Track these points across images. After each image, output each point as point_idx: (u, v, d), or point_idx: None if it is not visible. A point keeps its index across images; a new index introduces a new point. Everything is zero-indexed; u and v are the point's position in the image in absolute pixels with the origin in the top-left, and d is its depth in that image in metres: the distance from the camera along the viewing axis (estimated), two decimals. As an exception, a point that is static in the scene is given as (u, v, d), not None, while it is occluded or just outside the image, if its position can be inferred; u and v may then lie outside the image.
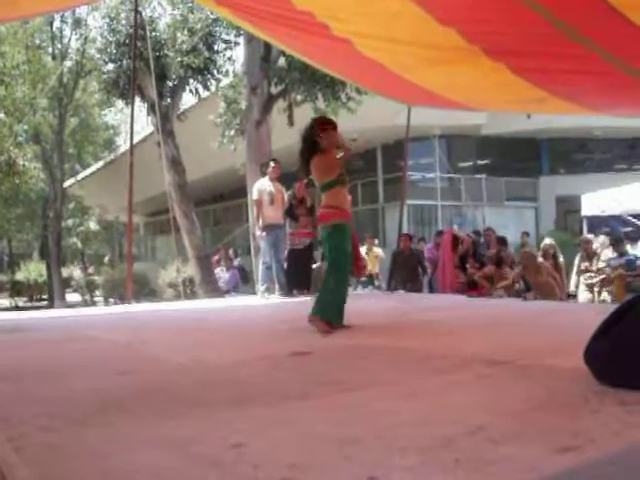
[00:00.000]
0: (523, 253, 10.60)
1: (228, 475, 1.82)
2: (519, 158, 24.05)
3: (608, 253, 10.59)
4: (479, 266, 10.60)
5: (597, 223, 12.43)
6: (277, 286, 9.74)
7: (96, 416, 2.55)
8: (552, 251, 10.56)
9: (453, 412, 2.46)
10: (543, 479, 1.73)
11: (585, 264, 10.43)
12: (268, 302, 9.12)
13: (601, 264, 10.38)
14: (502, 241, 11.52)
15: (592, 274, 10.34)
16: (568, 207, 21.34)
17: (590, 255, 10.40)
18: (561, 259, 10.78)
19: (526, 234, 14.34)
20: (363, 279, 12.95)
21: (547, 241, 11.04)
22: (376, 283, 13.87)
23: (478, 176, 22.83)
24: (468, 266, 10.68)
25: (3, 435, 2.28)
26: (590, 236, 11.06)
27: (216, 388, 3.07)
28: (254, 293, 11.72)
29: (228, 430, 2.28)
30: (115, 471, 1.89)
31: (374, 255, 13.99)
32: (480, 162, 23.90)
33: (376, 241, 14.85)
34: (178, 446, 2.09)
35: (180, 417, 2.50)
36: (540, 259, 10.20)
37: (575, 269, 10.52)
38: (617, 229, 11.96)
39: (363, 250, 13.75)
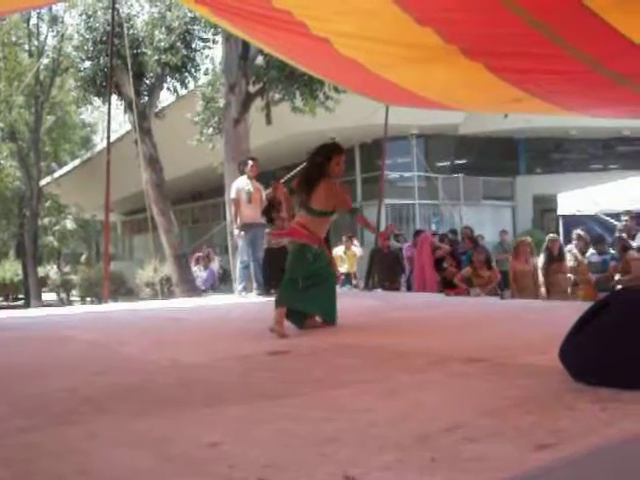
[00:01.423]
0: (521, 241, 10.64)
1: (203, 475, 1.81)
2: (496, 157, 24.21)
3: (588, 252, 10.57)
4: (456, 264, 10.63)
5: (573, 222, 12.49)
6: (255, 285, 9.71)
7: (72, 415, 2.53)
8: (528, 249, 10.57)
9: (430, 410, 2.46)
10: (519, 476, 1.73)
11: (553, 265, 10.29)
12: (245, 301, 9.09)
13: (570, 263, 10.34)
14: (473, 241, 11.54)
15: (563, 275, 10.29)
16: (545, 206, 21.50)
17: (554, 256, 10.27)
18: (536, 258, 10.77)
19: (504, 232, 14.41)
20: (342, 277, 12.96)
21: (526, 239, 11.04)
22: (354, 282, 13.89)
23: (455, 175, 22.93)
24: (446, 264, 10.71)
25: (-26, 435, 2.26)
26: (554, 235, 10.96)
27: (192, 387, 3.06)
28: (232, 292, 11.69)
29: (203, 429, 2.27)
30: (91, 470, 1.88)
31: (352, 254, 13.98)
32: (457, 161, 24.03)
33: (355, 241, 14.81)
34: (154, 445, 2.08)
35: (156, 416, 2.48)
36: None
37: (540, 271, 10.38)
38: (592, 229, 12.02)
39: (341, 250, 13.75)
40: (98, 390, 3.03)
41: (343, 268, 13.41)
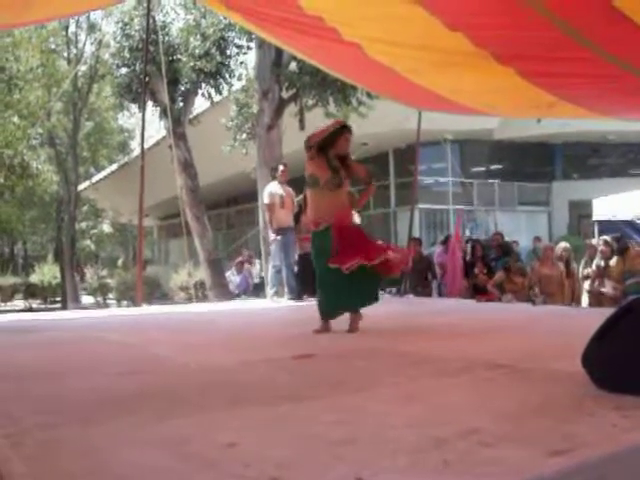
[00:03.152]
0: (544, 247, 10.57)
1: (218, 473, 1.84)
2: (532, 163, 24.00)
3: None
4: (487, 271, 10.56)
5: (609, 228, 12.33)
6: (286, 290, 9.75)
7: (94, 414, 2.58)
8: (566, 255, 10.48)
9: (447, 414, 2.46)
10: (530, 481, 1.73)
11: (587, 270, 10.25)
12: (277, 306, 9.14)
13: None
14: (504, 249, 11.44)
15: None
16: (581, 212, 21.25)
17: (593, 260, 10.22)
18: (574, 265, 10.66)
19: (538, 239, 14.28)
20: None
21: (562, 245, 10.95)
22: (387, 288, 13.81)
23: (491, 181, 22.79)
24: (476, 270, 10.64)
25: (1, 432, 2.32)
26: (594, 241, 10.88)
27: (215, 389, 3.09)
28: (264, 297, 11.75)
29: (222, 430, 2.30)
30: (108, 468, 1.91)
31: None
32: (493, 167, 23.87)
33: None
34: (172, 445, 2.11)
35: (176, 417, 2.52)
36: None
37: (580, 276, 10.33)
38: (629, 234, 11.86)
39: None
40: (123, 390, 3.08)
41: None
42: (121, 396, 2.93)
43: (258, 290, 16.03)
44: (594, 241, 10.83)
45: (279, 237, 9.59)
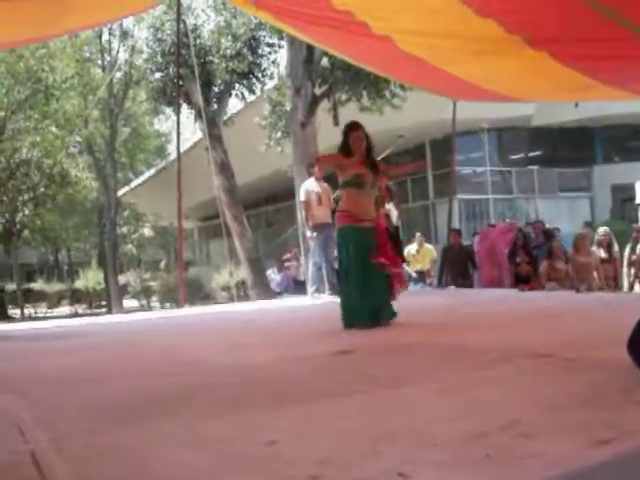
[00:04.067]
0: (578, 235, 10.46)
1: (258, 472, 1.84)
2: (571, 148, 23.59)
3: None
4: (529, 260, 10.42)
5: (653, 211, 12.11)
6: (327, 286, 9.75)
7: (136, 417, 2.60)
8: (607, 239, 10.31)
9: (489, 407, 2.43)
10: (573, 472, 1.69)
11: (634, 256, 10.01)
12: (318, 302, 9.14)
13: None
14: (547, 234, 11.30)
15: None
16: (624, 195, 20.86)
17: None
18: (616, 249, 10.47)
19: (587, 224, 13.99)
20: (414, 276, 12.82)
21: (601, 229, 10.79)
22: (428, 280, 13.72)
23: (530, 168, 22.49)
24: (518, 259, 10.50)
25: (46, 436, 2.35)
26: None
27: (256, 387, 3.10)
28: (305, 294, 11.76)
29: (263, 428, 2.30)
30: (151, 470, 1.93)
31: (425, 251, 13.74)
32: (531, 154, 23.54)
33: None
34: (213, 445, 2.12)
35: (217, 417, 2.53)
36: (594, 248, 10.04)
37: (625, 262, 10.11)
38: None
39: (413, 248, 13.54)
40: (165, 391, 3.10)
41: (416, 267, 13.27)
42: (163, 398, 2.96)
43: (300, 287, 16.04)
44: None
45: (315, 234, 9.59)
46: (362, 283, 5.25)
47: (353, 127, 5.52)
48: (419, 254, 13.62)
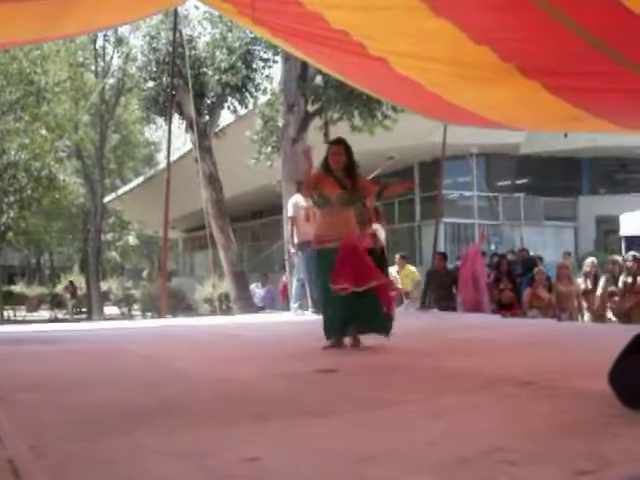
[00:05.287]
0: (560, 264, 10.54)
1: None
2: (558, 177, 23.75)
3: None
4: (512, 286, 10.47)
5: (637, 243, 12.20)
6: (310, 303, 9.73)
7: (116, 426, 2.58)
8: (594, 270, 10.41)
9: (471, 432, 2.43)
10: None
11: (612, 288, 10.02)
12: (300, 319, 9.12)
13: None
14: (527, 263, 11.40)
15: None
16: (608, 227, 21.03)
17: (616, 277, 9.99)
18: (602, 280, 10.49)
19: (568, 254, 14.12)
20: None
21: (589, 260, 10.89)
22: (405, 302, 13.56)
23: (516, 195, 22.64)
24: (502, 286, 10.55)
25: (25, 443, 2.33)
26: (619, 257, 10.70)
27: (237, 403, 3.08)
28: (288, 310, 11.74)
29: (245, 444, 2.29)
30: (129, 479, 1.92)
31: (406, 274, 13.62)
32: (518, 181, 23.70)
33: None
34: (192, 458, 2.11)
35: (197, 430, 2.51)
36: (580, 279, 10.14)
37: (600, 291, 10.10)
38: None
39: (394, 270, 13.47)
40: (146, 402, 3.08)
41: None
42: (143, 408, 2.94)
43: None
44: (618, 257, 10.68)
45: (299, 252, 9.58)
46: (327, 300, 5.25)
47: (333, 142, 5.49)
48: (399, 275, 13.57)
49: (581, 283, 10.68)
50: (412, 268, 13.82)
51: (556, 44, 6.02)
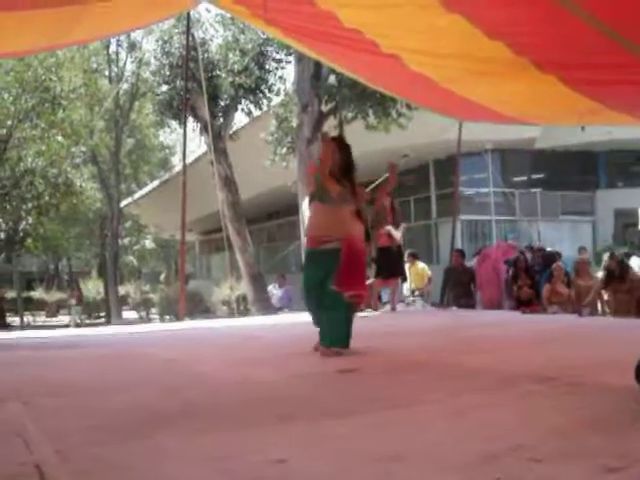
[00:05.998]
0: (579, 259, 10.48)
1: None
2: (575, 171, 23.55)
3: None
4: (531, 283, 10.40)
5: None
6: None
7: (138, 430, 2.58)
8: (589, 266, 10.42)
9: (497, 429, 2.41)
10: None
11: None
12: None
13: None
14: (546, 259, 11.31)
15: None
16: (627, 221, 20.85)
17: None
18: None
19: (583, 248, 14.02)
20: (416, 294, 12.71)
21: (606, 257, 10.81)
22: (416, 299, 13.42)
23: (533, 190, 22.50)
24: (520, 282, 10.47)
25: (50, 448, 2.34)
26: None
27: (259, 405, 3.08)
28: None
29: (271, 446, 2.28)
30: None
31: (415, 271, 13.49)
32: (535, 176, 23.53)
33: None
34: (214, 461, 2.11)
35: (220, 433, 2.51)
36: (600, 273, 10.06)
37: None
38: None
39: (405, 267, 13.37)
40: (167, 406, 3.08)
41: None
42: (165, 412, 2.94)
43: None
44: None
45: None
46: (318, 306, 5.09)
47: (332, 139, 5.39)
48: (410, 273, 13.46)
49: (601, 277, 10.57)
50: (422, 265, 13.68)
51: (570, 37, 5.96)
